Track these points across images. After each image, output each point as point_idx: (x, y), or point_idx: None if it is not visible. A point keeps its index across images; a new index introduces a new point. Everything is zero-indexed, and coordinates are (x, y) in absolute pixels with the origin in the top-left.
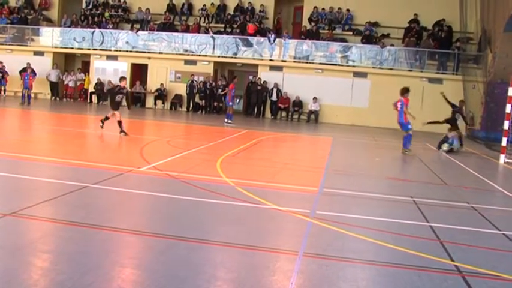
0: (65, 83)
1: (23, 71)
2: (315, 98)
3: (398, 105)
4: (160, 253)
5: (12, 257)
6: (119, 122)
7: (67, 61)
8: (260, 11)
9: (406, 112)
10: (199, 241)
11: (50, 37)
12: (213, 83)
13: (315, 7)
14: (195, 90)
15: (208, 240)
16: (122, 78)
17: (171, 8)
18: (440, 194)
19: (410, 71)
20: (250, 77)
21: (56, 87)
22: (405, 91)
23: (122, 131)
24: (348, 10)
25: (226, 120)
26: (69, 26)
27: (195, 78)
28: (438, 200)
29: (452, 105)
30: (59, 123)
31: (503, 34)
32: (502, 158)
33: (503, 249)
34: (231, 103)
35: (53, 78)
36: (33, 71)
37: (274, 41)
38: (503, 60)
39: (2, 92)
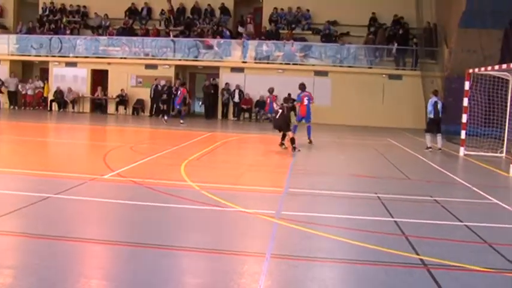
0: (23, 92)
1: None
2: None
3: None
4: (127, 261)
5: None
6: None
7: (25, 69)
8: (222, 12)
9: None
10: (166, 247)
11: (6, 44)
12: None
13: (275, 8)
14: (159, 95)
15: (175, 246)
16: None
17: (132, 12)
18: (403, 188)
19: (370, 68)
20: (207, 82)
21: (14, 96)
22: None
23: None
24: (308, 10)
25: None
26: (25, 33)
27: (161, 82)
28: (402, 195)
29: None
30: (18, 132)
31: (459, 30)
32: (462, 151)
33: (465, 240)
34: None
35: (12, 88)
36: None
37: (230, 37)
38: (459, 55)
39: None
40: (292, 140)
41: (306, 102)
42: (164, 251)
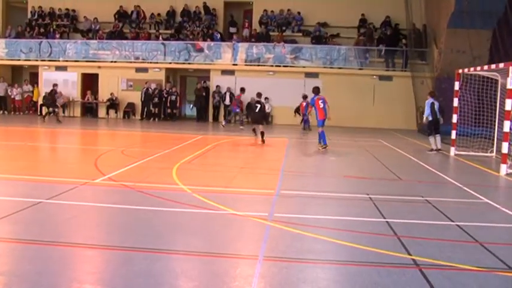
0: (12, 96)
1: None
2: (266, 98)
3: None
4: (120, 266)
5: None
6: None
7: (14, 73)
8: (211, 14)
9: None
10: (158, 251)
11: None
12: (172, 90)
13: (265, 10)
14: (150, 98)
15: (168, 250)
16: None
17: (122, 15)
18: (395, 189)
19: (361, 69)
20: (199, 85)
21: (4, 101)
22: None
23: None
24: (298, 13)
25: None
26: (14, 37)
27: (151, 85)
28: (393, 196)
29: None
30: (8, 137)
31: (447, 30)
32: (452, 151)
33: (457, 239)
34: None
35: (1, 92)
36: None
37: (221, 40)
38: (449, 56)
39: None
40: (263, 133)
41: (321, 105)
42: (157, 254)
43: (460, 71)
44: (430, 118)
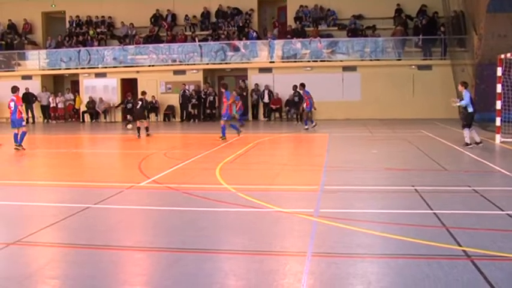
0: (52, 105)
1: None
2: None
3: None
4: (169, 267)
5: (21, 287)
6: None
7: (56, 82)
8: (246, 13)
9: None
10: (206, 251)
11: (37, 60)
12: (208, 90)
13: (300, 5)
14: (187, 100)
15: (215, 250)
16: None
17: (157, 18)
18: (440, 180)
19: (399, 60)
20: (242, 84)
21: (48, 110)
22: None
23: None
24: (329, 9)
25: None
26: (54, 48)
27: (187, 87)
28: (439, 186)
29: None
30: (54, 145)
31: (487, 15)
32: (498, 138)
33: (508, 229)
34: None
35: (45, 102)
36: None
37: (257, 38)
38: (489, 41)
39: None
40: (147, 128)
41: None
42: (205, 254)
43: (502, 56)
44: (471, 110)
